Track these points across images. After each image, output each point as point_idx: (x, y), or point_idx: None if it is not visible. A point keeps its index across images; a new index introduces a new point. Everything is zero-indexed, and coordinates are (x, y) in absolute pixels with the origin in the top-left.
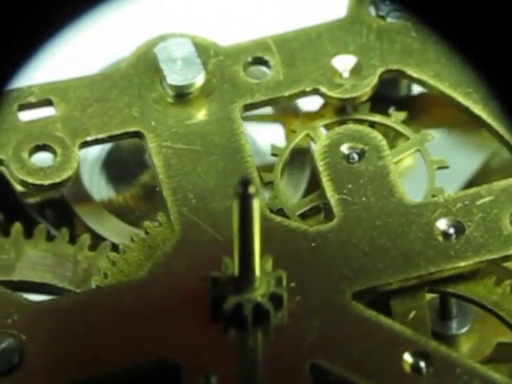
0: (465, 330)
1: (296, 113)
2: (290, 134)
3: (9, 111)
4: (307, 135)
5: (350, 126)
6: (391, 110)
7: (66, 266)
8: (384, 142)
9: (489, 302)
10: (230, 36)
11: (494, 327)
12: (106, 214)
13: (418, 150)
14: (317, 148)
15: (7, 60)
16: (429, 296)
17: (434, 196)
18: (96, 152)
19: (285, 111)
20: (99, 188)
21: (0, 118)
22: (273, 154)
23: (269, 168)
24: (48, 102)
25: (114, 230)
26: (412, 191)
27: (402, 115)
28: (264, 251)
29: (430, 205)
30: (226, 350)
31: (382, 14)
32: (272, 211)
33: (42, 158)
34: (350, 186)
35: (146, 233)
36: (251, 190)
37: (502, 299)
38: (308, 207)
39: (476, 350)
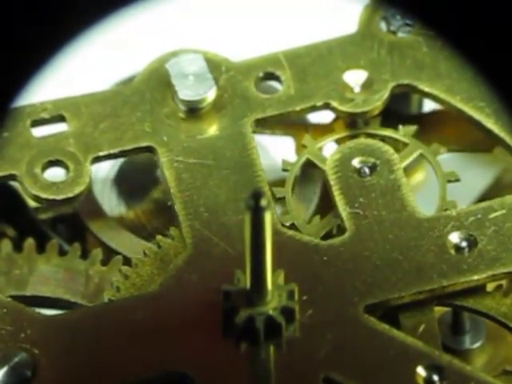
0: (478, 345)
1: (306, 127)
2: (300, 148)
3: (22, 127)
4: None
5: (362, 140)
6: (401, 126)
7: (78, 281)
8: (395, 156)
9: (498, 314)
10: (242, 51)
11: (508, 343)
12: (118, 229)
13: (421, 154)
14: (328, 162)
15: (13, 75)
16: (442, 310)
17: (446, 209)
18: (108, 168)
19: (295, 125)
20: (111, 203)
21: (8, 133)
22: (284, 169)
23: (281, 183)
24: (61, 118)
25: (126, 244)
26: (424, 206)
27: (412, 129)
28: (276, 265)
29: (443, 218)
30: (239, 362)
31: (393, 29)
32: (284, 225)
33: (55, 174)
34: (361, 199)
35: (159, 246)
36: (263, 202)
37: (511, 310)
38: (324, 231)
39: (489, 365)
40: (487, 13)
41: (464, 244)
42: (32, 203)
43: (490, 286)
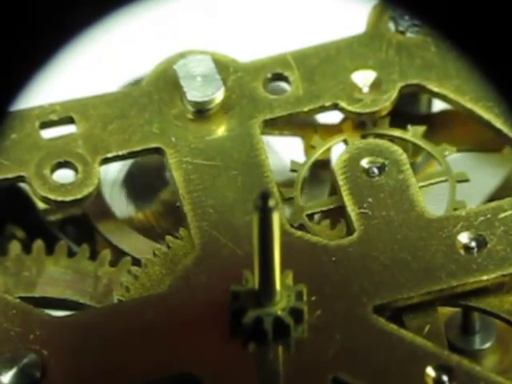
0: (488, 345)
1: (315, 127)
2: (309, 149)
3: (31, 129)
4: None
5: (370, 141)
6: (410, 126)
7: (86, 282)
8: (404, 156)
9: (501, 311)
10: (250, 52)
11: None
12: (127, 230)
13: (447, 180)
14: (337, 162)
15: (14, 76)
16: (451, 311)
17: (455, 209)
18: (117, 169)
19: (304, 126)
20: (120, 205)
21: (17, 134)
22: (292, 170)
23: (290, 184)
24: (69, 120)
25: (135, 245)
26: (433, 205)
27: (421, 129)
28: (285, 265)
29: (452, 218)
30: (247, 363)
31: (401, 29)
32: (292, 226)
33: (64, 175)
34: (370, 199)
35: (168, 247)
36: (271, 203)
37: None
38: (321, 209)
39: (499, 365)
40: (492, 15)
41: (473, 244)
42: (41, 205)
43: None
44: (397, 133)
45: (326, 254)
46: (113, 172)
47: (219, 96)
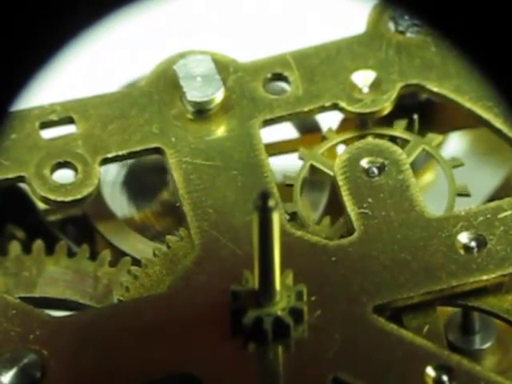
0: (488, 345)
1: (318, 132)
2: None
3: (31, 129)
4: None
5: (370, 141)
6: (415, 116)
7: (86, 282)
8: (404, 156)
9: (500, 311)
10: (250, 52)
11: None
12: (127, 230)
13: (424, 149)
14: (336, 162)
15: (13, 77)
16: (452, 311)
17: (459, 194)
18: (117, 169)
19: (305, 134)
20: (120, 205)
21: (17, 134)
22: (288, 185)
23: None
24: (69, 120)
25: (135, 245)
26: (433, 206)
27: (439, 138)
28: (285, 265)
29: (452, 218)
30: (247, 363)
31: (401, 29)
32: (289, 221)
33: (64, 175)
34: (370, 200)
35: (168, 247)
36: (271, 202)
37: None
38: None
39: (499, 365)
40: (491, 14)
41: (473, 244)
42: (41, 205)
43: None
44: (398, 133)
45: (325, 254)
46: (113, 172)
47: (219, 96)
